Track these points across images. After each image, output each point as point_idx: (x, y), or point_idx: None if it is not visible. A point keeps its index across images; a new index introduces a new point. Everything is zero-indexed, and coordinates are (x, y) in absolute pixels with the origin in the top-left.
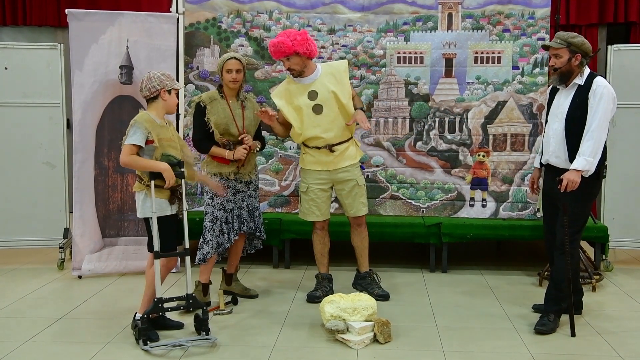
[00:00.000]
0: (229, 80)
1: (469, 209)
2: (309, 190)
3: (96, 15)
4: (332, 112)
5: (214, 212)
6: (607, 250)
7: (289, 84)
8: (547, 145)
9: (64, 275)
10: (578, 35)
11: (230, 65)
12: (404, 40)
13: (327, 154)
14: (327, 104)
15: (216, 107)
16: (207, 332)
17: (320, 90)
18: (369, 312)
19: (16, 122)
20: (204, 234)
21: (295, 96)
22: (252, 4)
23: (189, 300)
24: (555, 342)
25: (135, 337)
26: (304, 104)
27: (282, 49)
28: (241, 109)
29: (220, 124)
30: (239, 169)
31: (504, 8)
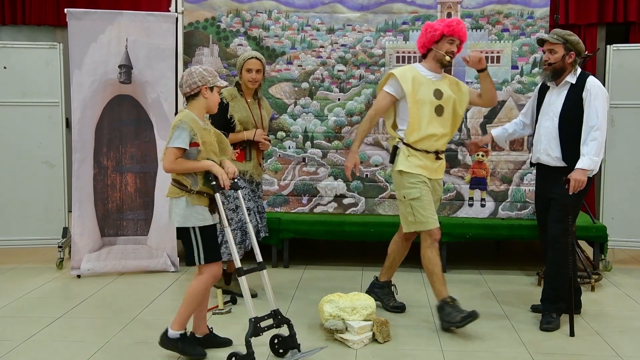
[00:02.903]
0: (248, 80)
1: (468, 208)
2: (422, 194)
3: (95, 14)
4: (448, 118)
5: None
6: (606, 249)
7: (417, 75)
8: (538, 144)
9: (63, 275)
10: (574, 34)
11: (251, 65)
12: (403, 39)
13: (432, 160)
14: (447, 107)
15: (238, 104)
16: (299, 348)
17: (445, 92)
18: (367, 312)
19: (15, 122)
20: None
21: (421, 89)
22: (251, 3)
23: (277, 316)
24: (554, 341)
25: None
26: (429, 101)
27: (465, 31)
28: (258, 108)
29: (243, 122)
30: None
31: (503, 8)
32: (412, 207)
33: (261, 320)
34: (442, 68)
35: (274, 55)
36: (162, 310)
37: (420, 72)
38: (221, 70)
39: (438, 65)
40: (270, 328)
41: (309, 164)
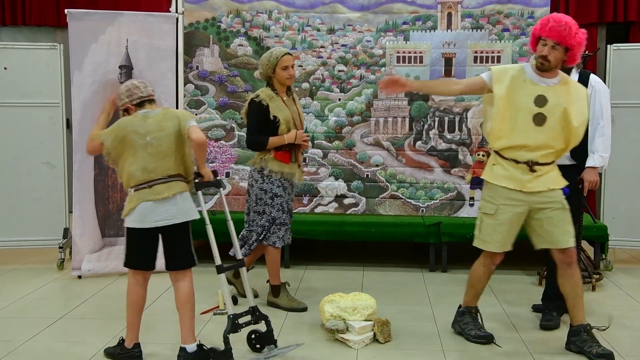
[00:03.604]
0: (286, 77)
1: (469, 208)
2: (499, 212)
3: (95, 15)
4: (555, 129)
5: (272, 213)
6: (607, 249)
7: (518, 77)
8: None
9: (63, 275)
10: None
11: (287, 62)
12: (404, 39)
13: (524, 171)
14: (552, 117)
15: (277, 104)
16: (275, 344)
17: (551, 100)
18: (368, 312)
19: (16, 122)
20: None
21: (519, 93)
22: (251, 3)
23: (255, 312)
24: (554, 341)
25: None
26: (526, 107)
27: (563, 33)
28: (294, 104)
29: (287, 121)
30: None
31: (503, 7)
32: (482, 221)
33: (239, 316)
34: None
35: None
36: (163, 311)
37: (526, 74)
38: (222, 71)
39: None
40: (249, 324)
41: (309, 164)
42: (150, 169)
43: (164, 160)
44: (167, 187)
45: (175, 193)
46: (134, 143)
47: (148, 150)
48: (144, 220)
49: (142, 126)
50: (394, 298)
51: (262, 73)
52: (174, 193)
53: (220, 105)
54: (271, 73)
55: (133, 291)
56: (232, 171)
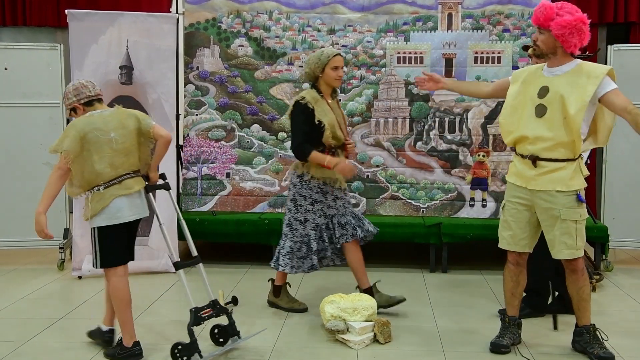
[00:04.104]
0: (335, 78)
1: (469, 209)
2: (506, 209)
3: (96, 15)
4: (554, 119)
5: (315, 219)
6: (607, 250)
7: (537, 69)
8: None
9: (64, 276)
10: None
11: (338, 62)
12: (404, 40)
13: (529, 166)
14: (551, 107)
15: (322, 107)
16: (239, 335)
17: (552, 89)
18: (369, 312)
19: (16, 123)
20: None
21: (530, 86)
22: (252, 4)
23: (216, 306)
24: (555, 342)
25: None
26: (530, 99)
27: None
28: (339, 108)
29: (331, 125)
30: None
31: (503, 8)
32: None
33: (201, 310)
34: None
35: (275, 56)
36: (163, 311)
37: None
38: (222, 72)
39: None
40: (210, 317)
41: None
42: (118, 165)
43: (129, 156)
44: (134, 182)
45: (141, 187)
46: (97, 140)
47: (113, 146)
48: (119, 216)
49: (104, 123)
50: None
51: (307, 73)
52: (141, 187)
53: (220, 106)
54: (319, 73)
55: (119, 289)
56: (232, 172)
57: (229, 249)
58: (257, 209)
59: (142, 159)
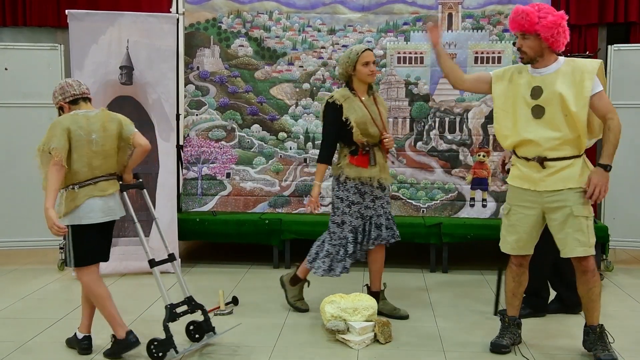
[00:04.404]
0: (367, 74)
1: (469, 209)
2: (511, 213)
3: (96, 15)
4: (556, 118)
5: (353, 222)
6: (608, 250)
7: (517, 74)
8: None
9: (64, 276)
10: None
11: (368, 57)
12: (404, 40)
13: (537, 168)
14: (550, 107)
15: (352, 104)
16: (214, 331)
17: (546, 89)
18: (369, 312)
19: (16, 123)
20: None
21: (517, 88)
22: (252, 4)
23: (191, 302)
24: (556, 342)
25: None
26: (524, 102)
27: (521, 22)
28: (375, 105)
29: (361, 123)
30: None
31: (504, 8)
32: (502, 221)
33: (176, 306)
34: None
35: (275, 56)
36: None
37: (525, 68)
38: (222, 72)
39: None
40: (186, 314)
41: (310, 164)
42: (95, 166)
43: (107, 159)
44: (109, 184)
45: (116, 190)
46: (79, 139)
47: (92, 147)
48: (91, 216)
49: (87, 124)
50: (394, 299)
51: (341, 73)
52: (116, 190)
53: (220, 106)
54: (352, 71)
55: (94, 286)
56: (232, 172)
57: (229, 249)
58: (258, 209)
59: (119, 162)
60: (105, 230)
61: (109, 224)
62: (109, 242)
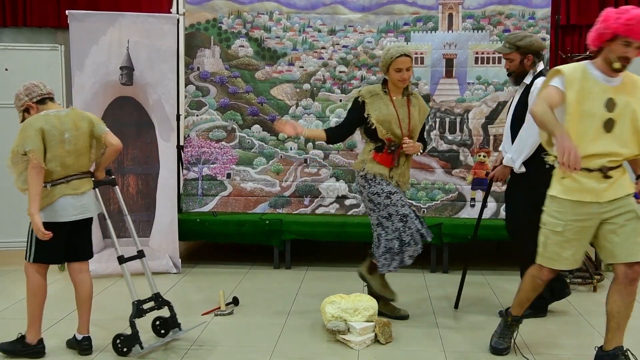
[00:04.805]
0: (398, 80)
1: (470, 209)
2: (567, 229)
3: (96, 16)
4: (623, 134)
5: (399, 210)
6: None
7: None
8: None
9: (65, 276)
10: (527, 36)
11: (401, 64)
12: (405, 40)
13: (598, 179)
14: (621, 122)
15: (377, 102)
16: (179, 327)
17: (619, 102)
18: (370, 313)
19: (17, 123)
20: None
21: (591, 98)
22: (252, 4)
23: (158, 298)
24: (556, 341)
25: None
26: (599, 114)
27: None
28: (407, 106)
29: (384, 121)
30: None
31: (504, 8)
32: (547, 238)
33: (143, 302)
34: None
35: (275, 56)
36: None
37: (592, 74)
38: (223, 72)
39: (609, 69)
40: (152, 310)
41: (310, 165)
42: (68, 165)
43: (80, 157)
44: (82, 183)
45: (89, 188)
46: (53, 139)
47: (66, 147)
48: (63, 214)
49: (60, 123)
50: None
51: (381, 67)
52: (89, 188)
53: (221, 106)
54: (385, 72)
55: (39, 285)
56: (233, 172)
57: (229, 249)
58: (258, 210)
59: (92, 160)
60: (77, 228)
61: (82, 222)
62: (84, 239)
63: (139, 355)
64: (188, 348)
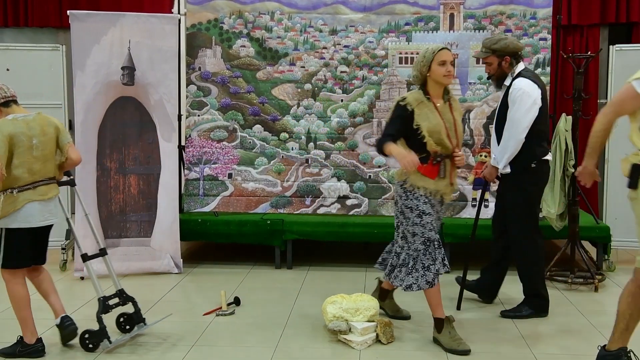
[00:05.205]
0: (444, 74)
1: (472, 209)
2: None
3: (98, 16)
4: None
5: (425, 233)
6: (610, 250)
7: None
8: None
9: (66, 276)
10: (503, 39)
11: (445, 56)
12: (406, 40)
13: None
14: None
15: (425, 110)
16: (144, 322)
17: None
18: (371, 313)
19: None
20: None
21: None
22: (253, 4)
23: (122, 294)
24: (557, 341)
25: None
26: None
27: None
28: (450, 112)
29: (434, 132)
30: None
31: (505, 8)
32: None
33: (109, 299)
34: None
35: (277, 56)
36: (166, 312)
37: None
38: (224, 72)
39: None
40: (118, 305)
41: (312, 165)
42: (35, 171)
43: (47, 163)
44: (49, 188)
45: (56, 194)
46: (22, 144)
47: (33, 152)
48: (30, 220)
49: (28, 128)
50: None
51: (416, 76)
52: (55, 194)
53: (222, 107)
54: (426, 72)
55: (17, 290)
56: (234, 172)
57: (231, 249)
58: (259, 210)
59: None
60: (42, 233)
61: (48, 227)
62: (46, 244)
63: (107, 350)
64: (190, 348)
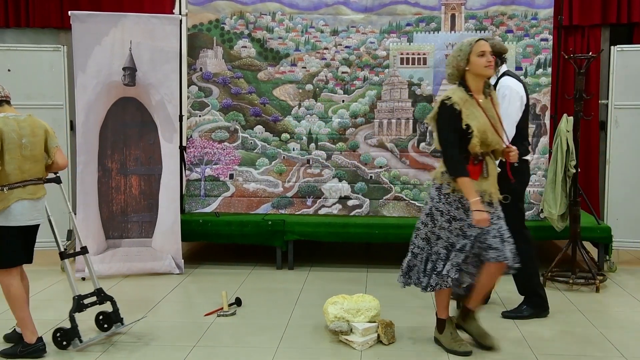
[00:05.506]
0: (485, 65)
1: None
2: None
3: (99, 17)
4: None
5: (450, 238)
6: (611, 250)
7: None
8: None
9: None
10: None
11: (484, 47)
12: (407, 41)
13: None
14: None
15: (472, 110)
16: (122, 322)
17: None
18: (372, 313)
19: None
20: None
21: None
22: (255, 5)
23: (101, 293)
24: (558, 342)
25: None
26: None
27: None
28: (493, 107)
29: (481, 131)
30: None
31: (507, 9)
32: None
33: (85, 297)
34: None
35: (278, 57)
36: (167, 312)
37: None
38: (225, 73)
39: None
40: (94, 304)
41: (313, 165)
42: (25, 170)
43: (36, 163)
44: (37, 188)
45: (44, 194)
46: (12, 141)
47: (22, 152)
48: (19, 219)
49: (19, 127)
50: (397, 300)
51: (452, 74)
52: (44, 194)
53: (223, 107)
54: (465, 65)
55: (13, 289)
56: (235, 173)
57: (232, 250)
58: (261, 210)
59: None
60: (29, 233)
61: (35, 227)
62: (32, 244)
63: (78, 349)
64: (191, 348)
